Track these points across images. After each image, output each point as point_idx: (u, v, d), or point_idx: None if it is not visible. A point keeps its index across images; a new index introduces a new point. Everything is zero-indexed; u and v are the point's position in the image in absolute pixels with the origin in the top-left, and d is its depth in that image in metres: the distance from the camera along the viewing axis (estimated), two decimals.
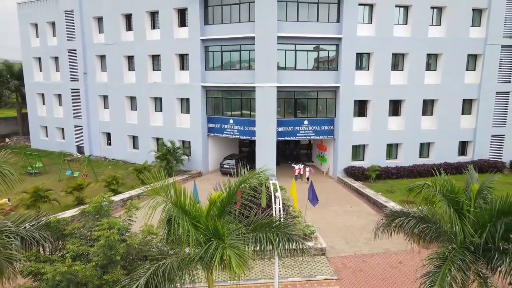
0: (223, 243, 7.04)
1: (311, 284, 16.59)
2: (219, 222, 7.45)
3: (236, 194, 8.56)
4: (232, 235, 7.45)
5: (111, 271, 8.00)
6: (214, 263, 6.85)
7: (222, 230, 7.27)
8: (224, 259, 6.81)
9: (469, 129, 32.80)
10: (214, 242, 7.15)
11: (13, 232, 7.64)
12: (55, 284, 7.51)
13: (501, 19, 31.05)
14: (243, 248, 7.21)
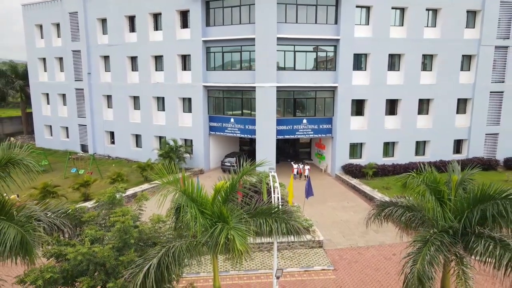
0: (228, 225, 7.91)
1: (308, 274, 17.47)
2: (223, 207, 8.31)
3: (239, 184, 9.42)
4: (236, 220, 8.31)
5: (125, 253, 8.87)
6: (220, 243, 7.70)
7: (226, 213, 8.13)
8: (228, 239, 7.66)
9: (463, 128, 33.66)
10: (220, 224, 8.01)
11: (38, 218, 8.50)
12: (77, 263, 8.37)
13: (494, 20, 31.88)
14: (245, 229, 8.06)
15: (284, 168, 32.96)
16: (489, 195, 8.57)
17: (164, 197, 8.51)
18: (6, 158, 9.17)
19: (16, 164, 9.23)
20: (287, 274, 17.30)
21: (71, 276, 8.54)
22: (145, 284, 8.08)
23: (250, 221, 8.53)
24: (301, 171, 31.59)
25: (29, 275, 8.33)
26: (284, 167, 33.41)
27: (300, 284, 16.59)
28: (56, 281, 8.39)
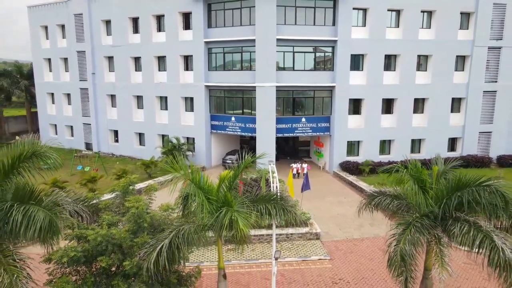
0: (232, 208, 8.90)
1: (306, 263, 18.48)
2: (228, 192, 9.31)
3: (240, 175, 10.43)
4: (238, 204, 9.30)
5: (139, 235, 9.86)
6: (224, 223, 8.68)
7: (231, 198, 9.12)
8: (232, 220, 8.64)
9: (458, 126, 34.68)
10: (224, 208, 9.00)
11: (63, 203, 9.49)
12: (97, 244, 9.35)
13: (487, 22, 32.88)
14: (247, 212, 9.05)
15: (283, 166, 33.93)
16: (465, 183, 9.57)
17: (175, 185, 9.51)
18: (31, 150, 10.15)
19: (40, 156, 10.22)
20: (286, 263, 18.31)
21: (91, 256, 9.54)
22: (158, 262, 9.07)
23: (251, 206, 9.53)
24: (299, 170, 32.45)
25: (55, 253, 9.34)
26: (283, 165, 34.39)
27: (298, 272, 17.59)
28: (78, 260, 9.39)
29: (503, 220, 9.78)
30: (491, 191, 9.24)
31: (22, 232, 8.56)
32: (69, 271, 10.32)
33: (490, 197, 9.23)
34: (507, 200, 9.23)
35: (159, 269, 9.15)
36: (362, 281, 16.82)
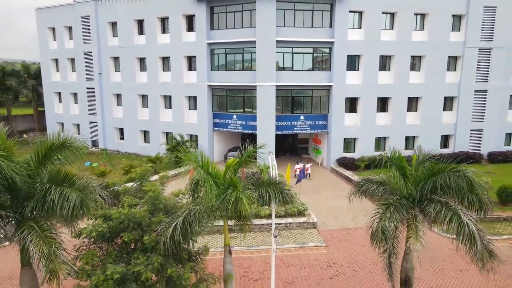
0: (237, 190, 10.36)
1: (303, 249, 19.97)
2: (234, 176, 10.77)
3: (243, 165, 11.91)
4: (243, 187, 10.75)
5: (156, 215, 11.32)
6: (231, 202, 10.13)
7: (236, 180, 10.58)
8: (237, 200, 10.10)
9: (450, 124, 36.15)
10: (231, 189, 10.46)
11: (91, 186, 10.97)
12: (120, 222, 10.81)
13: (478, 24, 34.33)
14: (251, 194, 10.50)
15: (283, 163, 35.35)
16: (439, 170, 11.02)
17: (187, 171, 11.00)
18: (61, 141, 11.65)
19: (69, 146, 11.71)
20: (284, 249, 19.81)
21: (115, 232, 10.99)
22: (173, 237, 10.53)
23: (253, 189, 10.99)
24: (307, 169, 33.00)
25: (85, 229, 10.82)
26: (283, 162, 35.82)
27: (296, 257, 19.08)
28: (104, 235, 10.84)
29: (472, 200, 11.24)
30: (459, 176, 10.70)
31: (59, 210, 10.06)
32: (93, 248, 11.79)
33: (458, 181, 10.70)
34: (472, 183, 10.70)
35: (174, 243, 10.63)
36: (354, 264, 18.32)
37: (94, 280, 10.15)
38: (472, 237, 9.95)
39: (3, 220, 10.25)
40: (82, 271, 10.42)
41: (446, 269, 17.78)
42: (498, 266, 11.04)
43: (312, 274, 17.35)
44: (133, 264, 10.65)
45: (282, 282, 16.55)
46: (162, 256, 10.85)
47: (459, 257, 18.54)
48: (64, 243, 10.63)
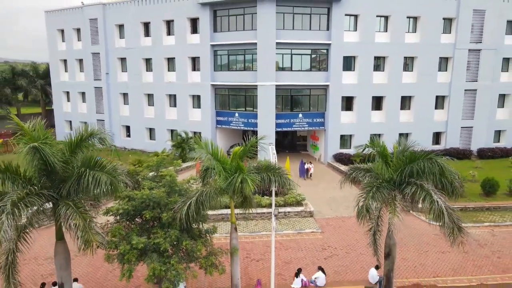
0: (243, 173, 12.16)
1: (301, 235, 21.80)
2: (240, 161, 12.57)
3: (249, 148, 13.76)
4: (247, 172, 12.56)
5: (172, 196, 13.13)
6: (237, 183, 11.94)
7: (242, 164, 12.39)
8: (242, 183, 11.90)
9: (441, 122, 37.99)
10: (237, 173, 12.26)
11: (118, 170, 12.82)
12: (141, 201, 12.61)
13: (468, 27, 36.15)
14: (254, 176, 12.30)
15: (283, 159, 37.15)
16: (416, 157, 12.84)
17: (199, 157, 12.83)
18: (90, 133, 13.48)
19: (96, 136, 13.56)
20: (283, 235, 21.63)
21: (138, 210, 12.79)
22: (187, 214, 12.32)
23: (256, 173, 12.79)
24: (310, 170, 32.64)
25: (112, 208, 12.64)
26: (283, 158, 37.61)
27: (294, 241, 20.90)
28: (128, 212, 12.65)
29: (445, 184, 13.06)
30: (432, 162, 12.52)
31: (92, 190, 11.89)
32: (117, 226, 13.61)
33: (431, 167, 12.51)
34: (443, 169, 12.51)
35: (188, 219, 12.44)
36: (347, 247, 20.16)
37: (122, 249, 12.00)
38: (441, 212, 11.75)
39: (44, 199, 12.01)
40: (111, 242, 12.26)
41: (430, 251, 19.61)
42: (466, 240, 12.77)
43: (308, 255, 19.17)
44: (153, 237, 12.48)
45: (281, 262, 18.36)
46: (178, 231, 12.68)
47: (443, 241, 20.28)
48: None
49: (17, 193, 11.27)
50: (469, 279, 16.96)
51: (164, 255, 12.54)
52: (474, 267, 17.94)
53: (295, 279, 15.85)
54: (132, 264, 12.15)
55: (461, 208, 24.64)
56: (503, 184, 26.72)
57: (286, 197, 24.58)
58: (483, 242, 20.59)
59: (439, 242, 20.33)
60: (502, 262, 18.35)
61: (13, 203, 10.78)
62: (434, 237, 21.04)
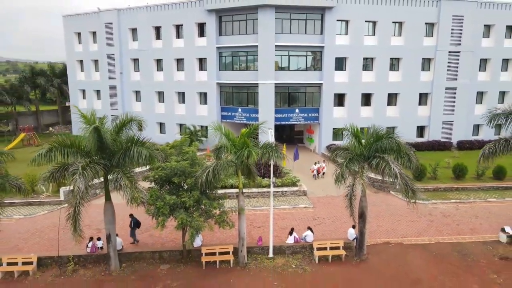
0: (248, 148, 16.17)
1: (295, 209, 25.80)
2: (247, 139, 16.59)
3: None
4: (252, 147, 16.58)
5: (194, 167, 17.14)
6: (244, 155, 15.95)
7: (247, 141, 16.41)
8: (248, 156, 15.91)
9: (424, 117, 42.01)
10: (244, 148, 16.28)
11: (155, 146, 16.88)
12: (171, 170, 16.60)
13: (448, 31, 40.12)
14: (258, 151, 16.32)
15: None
16: (380, 137, 16.88)
17: (216, 136, 16.94)
18: (130, 118, 17.51)
19: (134, 122, 17.58)
20: (280, 209, 25.62)
21: (168, 177, 16.82)
22: (206, 179, 16.30)
23: (259, 149, 16.84)
24: (320, 170, 33.08)
25: (149, 175, 16.71)
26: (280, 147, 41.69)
27: (289, 214, 24.91)
28: (161, 178, 16.70)
29: (404, 158, 17.11)
30: (392, 141, 16.57)
31: (136, 160, 15.95)
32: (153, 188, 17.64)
33: (391, 144, 16.56)
34: (399, 146, 16.55)
35: (207, 184, 16.45)
36: (333, 218, 24.19)
37: (158, 205, 16.05)
38: (396, 176, 15.79)
39: (100, 166, 16.01)
40: (150, 198, 16.33)
41: (401, 221, 23.65)
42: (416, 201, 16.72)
43: (301, 224, 23.16)
44: (180, 197, 16.53)
45: (278, 228, 22.33)
46: (199, 193, 16.74)
47: (413, 214, 24.45)
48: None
49: (84, 161, 15.36)
50: (429, 239, 21.00)
51: (189, 210, 16.60)
52: (436, 231, 21.97)
53: (289, 236, 19.90)
54: (165, 216, 16.20)
55: (434, 188, 28.95)
56: (472, 169, 30.72)
57: (283, 179, 28.65)
58: (447, 214, 24.62)
59: (410, 214, 24.35)
60: (459, 228, 22.39)
61: (83, 167, 14.89)
62: (407, 210, 25.02)
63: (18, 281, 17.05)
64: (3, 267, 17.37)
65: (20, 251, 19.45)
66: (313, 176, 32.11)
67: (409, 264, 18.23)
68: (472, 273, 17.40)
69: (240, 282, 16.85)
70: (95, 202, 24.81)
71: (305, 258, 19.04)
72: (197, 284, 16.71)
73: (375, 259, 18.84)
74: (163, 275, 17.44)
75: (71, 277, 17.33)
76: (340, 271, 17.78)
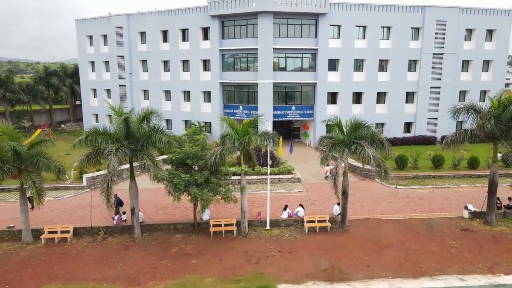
0: (249, 134, 19.70)
1: (290, 193, 29.29)
2: (248, 128, 20.14)
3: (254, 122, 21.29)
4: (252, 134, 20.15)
5: (204, 151, 20.67)
6: (246, 141, 19.50)
7: (249, 129, 19.96)
8: (249, 142, 19.44)
9: (411, 113, 45.56)
10: (245, 135, 19.81)
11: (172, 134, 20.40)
12: (185, 154, 20.12)
13: (432, 35, 43.68)
14: (256, 137, 19.87)
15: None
16: (358, 126, 20.44)
17: (223, 125, 20.50)
18: (150, 111, 21.04)
19: (153, 114, 21.11)
20: (277, 193, 29.11)
21: (183, 159, 20.36)
22: (215, 161, 19.83)
23: (258, 136, 20.38)
24: (332, 171, 38.28)
25: (168, 157, 20.27)
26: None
27: (285, 196, 28.41)
28: (177, 160, 20.25)
29: (378, 144, 20.66)
30: (367, 129, 20.11)
31: (157, 145, 19.52)
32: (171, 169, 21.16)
33: (366, 132, 20.10)
34: (373, 133, 20.10)
35: (215, 165, 19.97)
36: (323, 200, 27.71)
37: (175, 181, 19.59)
38: (369, 158, 19.33)
39: (128, 150, 19.51)
40: (169, 176, 19.88)
41: (382, 202, 27.16)
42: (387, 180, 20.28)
43: (294, 204, 26.64)
44: (193, 176, 20.09)
45: (275, 207, 25.81)
46: (208, 172, 20.29)
47: (393, 197, 28.01)
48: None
49: (115, 145, 18.92)
50: (404, 216, 24.52)
51: (200, 187, 20.15)
52: (410, 210, 25.50)
53: (283, 212, 23.45)
54: (180, 191, 19.72)
55: (413, 176, 32.50)
56: (450, 160, 34.26)
57: (280, 168, 32.21)
58: (423, 197, 28.15)
59: (390, 197, 27.93)
60: (431, 207, 25.93)
61: (116, 149, 18.45)
62: (388, 194, 28.67)
63: (58, 246, 20.60)
64: (45, 235, 20.92)
65: (56, 224, 23.00)
66: (325, 178, 32.75)
67: (383, 234, 21.77)
68: (434, 240, 20.94)
69: (242, 247, 20.38)
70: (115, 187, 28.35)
71: (297, 229, 22.57)
72: (207, 248, 20.25)
73: (355, 230, 22.39)
74: (178, 241, 20.99)
75: (101, 243, 20.88)
76: (325, 239, 21.32)
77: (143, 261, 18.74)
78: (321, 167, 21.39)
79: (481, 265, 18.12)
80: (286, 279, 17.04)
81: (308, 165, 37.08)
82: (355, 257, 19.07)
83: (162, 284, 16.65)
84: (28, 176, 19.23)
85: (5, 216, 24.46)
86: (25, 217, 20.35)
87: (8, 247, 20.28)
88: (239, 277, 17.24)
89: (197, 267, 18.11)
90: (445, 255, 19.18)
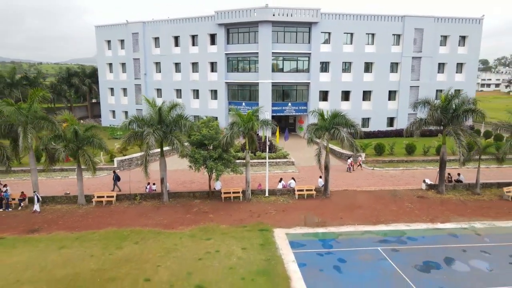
0: (252, 121, 25.82)
1: (285, 173, 35.44)
2: (252, 116, 26.26)
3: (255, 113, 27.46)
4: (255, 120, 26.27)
5: (218, 134, 26.76)
6: (250, 126, 25.58)
7: (253, 117, 26.09)
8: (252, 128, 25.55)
9: (393, 110, 51.73)
10: (249, 121, 25.92)
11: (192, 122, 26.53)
12: (203, 136, 26.19)
13: (411, 40, 49.87)
14: (259, 122, 25.99)
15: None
16: (336, 115, 26.61)
17: (234, 115, 26.64)
18: (175, 104, 27.24)
19: (177, 106, 27.32)
20: (274, 173, 35.28)
21: (201, 140, 26.46)
22: (226, 141, 25.96)
23: (260, 122, 26.56)
24: (353, 163, 36.35)
25: (190, 139, 26.43)
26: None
27: (281, 175, 34.54)
28: (197, 141, 26.36)
29: (351, 128, 26.84)
30: (343, 117, 26.29)
31: (182, 129, 25.76)
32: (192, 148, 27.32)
33: (342, 119, 26.28)
34: (347, 120, 26.28)
35: (226, 144, 26.14)
36: (312, 177, 33.83)
37: (196, 156, 25.79)
38: (343, 139, 25.51)
39: (160, 131, 25.65)
40: (192, 152, 26.08)
41: (360, 179, 33.32)
42: (360, 158, 26.42)
43: (288, 179, 32.83)
44: (209, 152, 26.29)
45: (272, 182, 31.99)
46: (221, 150, 26.49)
47: (370, 175, 34.19)
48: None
49: (152, 128, 25.14)
50: (375, 188, 30.69)
51: (214, 161, 26.34)
52: (382, 184, 31.66)
53: (279, 183, 29.67)
54: (199, 164, 25.88)
55: (389, 160, 38.66)
56: (420, 148, 40.45)
57: (277, 153, 38.43)
58: (394, 176, 34.33)
59: (367, 176, 34.13)
60: (399, 183, 32.09)
61: (153, 130, 24.68)
62: (366, 174, 34.85)
63: (106, 207, 26.79)
64: (95, 199, 27.14)
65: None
66: (347, 169, 35.73)
67: (356, 200, 27.95)
68: (395, 203, 27.12)
69: (246, 207, 26.55)
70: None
71: (289, 196, 28.76)
72: (220, 208, 26.44)
73: (335, 197, 28.58)
74: (197, 204, 27.16)
75: (138, 205, 27.07)
76: (311, 203, 27.50)
77: (172, 215, 24.94)
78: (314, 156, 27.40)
79: (425, 217, 24.33)
80: (280, 226, 23.23)
81: (301, 153, 43.22)
82: (332, 213, 25.26)
83: (189, 227, 22.84)
84: (85, 152, 25.46)
85: (58, 188, 30.71)
86: (81, 184, 26.56)
87: (68, 207, 26.51)
88: (245, 224, 23.45)
89: (213, 219, 24.30)
90: (401, 212, 25.38)
